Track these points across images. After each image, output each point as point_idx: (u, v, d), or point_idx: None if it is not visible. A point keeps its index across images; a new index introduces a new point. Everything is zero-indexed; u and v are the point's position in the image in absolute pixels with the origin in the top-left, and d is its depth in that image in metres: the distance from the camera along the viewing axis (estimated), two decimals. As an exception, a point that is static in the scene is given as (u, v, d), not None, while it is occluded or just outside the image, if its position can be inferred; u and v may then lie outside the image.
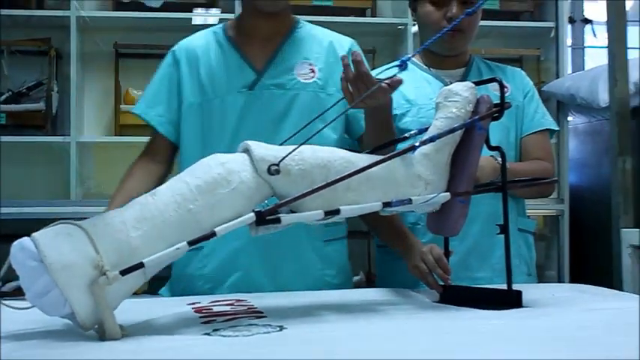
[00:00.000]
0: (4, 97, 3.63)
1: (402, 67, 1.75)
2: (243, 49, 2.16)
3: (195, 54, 2.17)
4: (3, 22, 3.52)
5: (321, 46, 2.19)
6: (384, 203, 1.64)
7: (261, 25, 2.15)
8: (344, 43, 2.20)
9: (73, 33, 3.62)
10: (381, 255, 2.35)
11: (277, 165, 1.55)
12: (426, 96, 1.83)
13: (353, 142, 2.16)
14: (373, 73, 1.82)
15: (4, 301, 1.45)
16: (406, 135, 1.84)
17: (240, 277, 2.06)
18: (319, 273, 2.11)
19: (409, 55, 1.77)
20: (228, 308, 1.72)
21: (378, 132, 1.97)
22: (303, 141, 1.63)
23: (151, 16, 3.57)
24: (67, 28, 3.62)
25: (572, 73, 4.15)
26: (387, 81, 1.77)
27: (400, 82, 1.79)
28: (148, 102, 2.20)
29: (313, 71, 2.14)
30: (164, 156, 2.19)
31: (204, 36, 2.22)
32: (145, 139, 3.67)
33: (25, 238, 1.39)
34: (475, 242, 2.12)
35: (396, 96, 1.82)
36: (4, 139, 3.49)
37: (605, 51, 2.48)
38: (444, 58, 2.21)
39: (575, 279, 3.61)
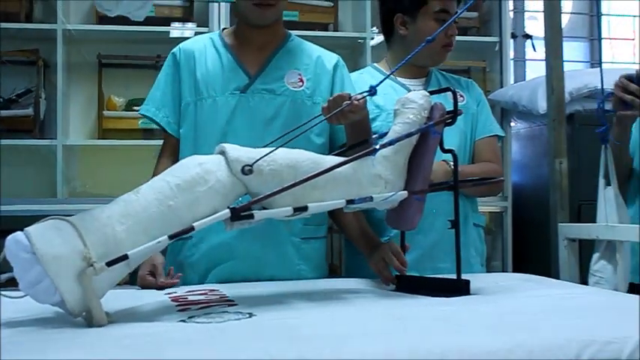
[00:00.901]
0: (-5, 103, 3.59)
1: (372, 92, 1.77)
2: (238, 55, 2.16)
3: (193, 56, 2.16)
4: (-6, 34, 3.49)
5: (311, 59, 2.19)
6: (347, 201, 1.66)
7: (255, 36, 2.16)
8: (331, 59, 2.22)
9: (60, 44, 3.58)
10: (349, 249, 2.35)
11: (250, 166, 1.56)
12: (393, 102, 1.83)
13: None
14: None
15: (1, 291, 1.44)
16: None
17: (226, 267, 2.05)
18: (296, 267, 2.11)
19: (378, 82, 1.78)
20: (202, 297, 1.72)
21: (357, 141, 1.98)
22: (283, 143, 1.64)
23: (132, 30, 3.54)
24: (53, 40, 3.58)
25: (515, 83, 4.18)
26: (355, 101, 1.78)
27: (363, 106, 1.80)
28: (156, 104, 2.17)
29: (302, 80, 2.15)
30: (178, 153, 2.16)
31: (202, 40, 2.22)
32: (126, 142, 3.71)
33: (19, 232, 1.38)
34: (438, 236, 2.14)
35: (367, 102, 1.83)
36: (-5, 142, 3.47)
37: (544, 63, 2.49)
38: (409, 68, 2.21)
39: (517, 269, 3.63)
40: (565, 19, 4.81)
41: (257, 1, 2.07)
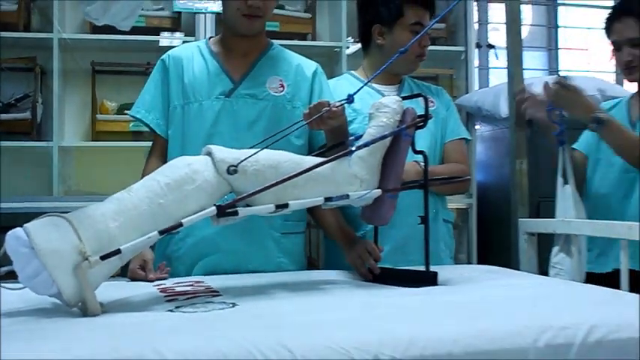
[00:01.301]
0: (-5, 107, 3.57)
1: (350, 100, 1.78)
2: (223, 62, 2.15)
3: (181, 62, 2.15)
4: (-6, 43, 3.47)
5: (291, 66, 2.19)
6: (325, 198, 1.66)
7: (240, 44, 2.15)
8: (310, 66, 2.22)
9: (56, 52, 3.57)
10: (327, 243, 2.36)
11: (235, 166, 1.56)
12: (369, 106, 1.84)
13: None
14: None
15: (1, 284, 1.44)
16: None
17: (210, 260, 2.04)
18: (277, 260, 2.10)
19: (356, 90, 1.79)
20: (188, 288, 1.72)
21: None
22: (266, 145, 1.65)
23: (123, 39, 3.53)
24: (50, 49, 3.56)
25: (479, 89, 4.19)
26: (334, 108, 1.79)
27: (341, 112, 1.82)
28: (146, 107, 2.16)
29: (282, 86, 2.14)
30: (166, 153, 2.15)
31: (190, 48, 2.21)
32: (118, 143, 3.69)
33: (18, 229, 1.38)
34: (409, 231, 2.13)
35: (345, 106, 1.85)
36: (-5, 143, 3.45)
37: (506, 71, 2.51)
38: (384, 75, 2.20)
39: (481, 261, 3.65)
40: (525, 31, 4.85)
41: (247, 12, 2.06)
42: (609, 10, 2.38)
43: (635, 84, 2.41)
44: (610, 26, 2.36)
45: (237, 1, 2.04)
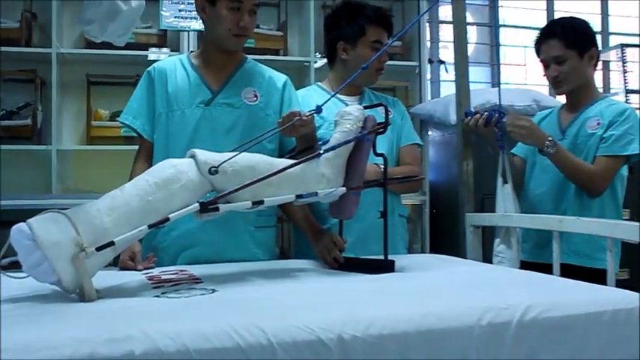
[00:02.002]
0: (-1, 114, 3.53)
1: (318, 111, 1.80)
2: (202, 74, 2.13)
3: (165, 74, 2.13)
4: (-1, 57, 3.42)
5: (263, 78, 2.18)
6: (297, 195, 1.67)
7: (220, 58, 2.14)
8: (280, 78, 2.22)
9: (54, 65, 3.52)
10: (297, 235, 2.35)
11: (216, 167, 1.56)
12: (333, 114, 1.85)
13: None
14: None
15: (7, 273, 1.42)
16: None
17: (192, 251, 2.03)
18: (251, 251, 2.09)
19: (324, 102, 1.81)
20: (173, 276, 1.70)
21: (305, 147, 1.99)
22: (245, 149, 1.65)
23: (115, 53, 3.48)
24: (49, 62, 3.51)
25: (431, 99, 4.22)
26: (304, 117, 1.80)
27: (310, 121, 1.85)
28: (134, 114, 2.14)
29: (256, 96, 2.14)
30: (152, 156, 2.12)
31: (173, 61, 2.18)
32: (110, 147, 3.65)
33: (22, 223, 1.37)
34: (370, 224, 2.13)
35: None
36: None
37: (454, 84, 2.54)
38: (347, 87, 2.19)
39: (433, 250, 3.68)
40: (471, 48, 4.89)
41: (237, 32, 2.06)
42: (537, 34, 2.42)
43: (564, 96, 2.46)
44: (539, 47, 2.40)
45: (229, 22, 2.04)
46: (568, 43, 2.31)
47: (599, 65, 3.12)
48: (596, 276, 1.72)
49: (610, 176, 2.25)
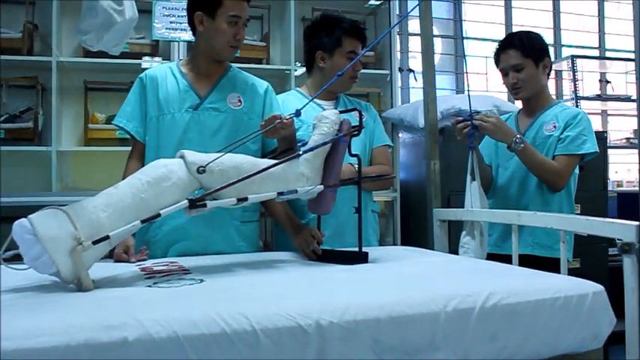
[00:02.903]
0: (2, 118, 3.46)
1: (297, 114, 1.81)
2: (191, 81, 2.12)
3: (156, 80, 2.11)
4: (3, 64, 3.36)
5: (247, 85, 2.17)
6: (278, 193, 1.66)
7: (209, 66, 2.12)
8: (262, 85, 2.21)
9: (54, 73, 3.47)
10: (277, 229, 2.34)
11: (204, 167, 1.55)
12: (311, 117, 1.85)
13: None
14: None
15: (10, 265, 1.41)
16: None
17: (182, 244, 2.02)
18: (237, 244, 2.08)
19: (302, 106, 1.82)
20: (164, 268, 1.69)
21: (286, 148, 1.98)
22: (230, 150, 1.64)
23: (111, 62, 3.44)
24: (49, 69, 3.46)
25: (401, 104, 4.22)
26: (285, 120, 1.80)
27: (291, 123, 1.86)
28: (127, 117, 2.12)
29: (240, 101, 2.13)
30: (144, 156, 2.10)
31: (163, 68, 2.16)
32: (106, 148, 3.61)
33: (23, 219, 1.35)
34: (345, 219, 2.14)
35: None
36: (4, 148, 3.35)
37: (422, 90, 2.54)
38: (323, 92, 2.19)
39: (404, 243, 3.69)
40: (437, 58, 4.91)
41: (235, 44, 2.06)
42: (496, 45, 2.44)
43: (520, 102, 2.47)
44: (498, 57, 2.41)
45: (228, 35, 2.03)
46: (525, 53, 2.33)
47: (552, 74, 3.14)
48: (556, 265, 1.74)
49: (570, 173, 2.27)
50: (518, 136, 2.21)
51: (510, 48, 2.35)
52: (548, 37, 5.39)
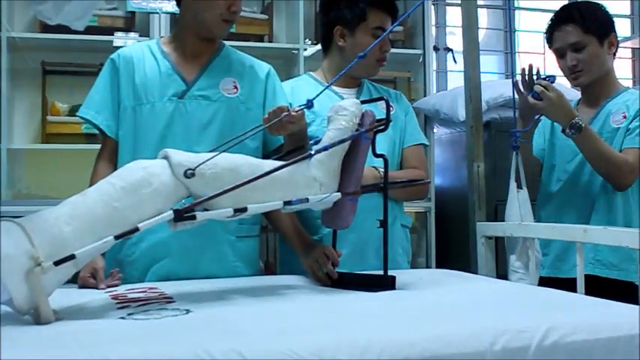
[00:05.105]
0: None
1: (309, 105, 1.80)
2: (175, 62, 2.13)
3: (132, 62, 2.13)
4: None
5: (244, 68, 2.19)
6: (285, 202, 1.66)
7: (196, 45, 2.14)
8: (263, 68, 2.22)
9: (4, 51, 3.50)
10: (283, 247, 2.34)
11: (193, 169, 1.55)
12: (327, 108, 1.85)
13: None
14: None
15: None
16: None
17: (164, 264, 2.03)
18: (232, 264, 2.09)
19: (315, 95, 1.81)
20: (141, 295, 1.70)
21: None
22: (225, 148, 1.65)
23: (76, 38, 3.47)
24: (-3, 47, 3.51)
25: (437, 92, 4.23)
26: (294, 112, 1.80)
27: (301, 117, 1.86)
28: (95, 107, 2.13)
29: (236, 88, 2.14)
30: (117, 157, 2.12)
31: (140, 47, 2.18)
32: (70, 146, 3.64)
33: (-35, 235, 1.35)
34: (368, 235, 2.14)
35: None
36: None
37: (462, 74, 2.54)
38: (343, 78, 2.18)
39: (440, 264, 3.69)
40: (482, 34, 4.91)
41: (229, 17, 2.07)
42: (549, 19, 2.43)
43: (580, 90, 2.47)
44: (551, 35, 2.41)
45: (221, 6, 2.04)
46: (586, 29, 2.32)
47: (629, 54, 3.14)
48: (625, 289, 1.73)
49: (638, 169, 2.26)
50: (580, 117, 2.20)
51: (567, 23, 2.35)
52: (623, 7, 5.37)
